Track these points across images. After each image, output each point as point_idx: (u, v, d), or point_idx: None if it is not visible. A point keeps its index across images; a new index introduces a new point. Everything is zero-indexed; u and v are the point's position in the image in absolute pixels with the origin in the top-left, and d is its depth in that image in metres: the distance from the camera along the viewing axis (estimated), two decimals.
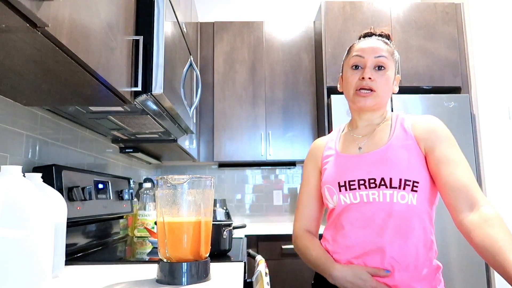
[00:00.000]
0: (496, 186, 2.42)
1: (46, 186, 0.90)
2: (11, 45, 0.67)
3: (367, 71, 1.01)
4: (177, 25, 1.41)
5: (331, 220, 1.05)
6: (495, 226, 0.81)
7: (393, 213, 0.94)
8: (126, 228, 1.86)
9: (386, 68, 1.03)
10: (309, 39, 3.00)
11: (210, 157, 2.90)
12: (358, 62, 1.04)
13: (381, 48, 1.03)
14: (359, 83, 1.02)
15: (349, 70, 1.06)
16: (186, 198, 0.84)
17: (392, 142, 1.00)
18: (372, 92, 1.01)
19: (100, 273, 0.97)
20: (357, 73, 1.03)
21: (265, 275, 1.17)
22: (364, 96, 1.01)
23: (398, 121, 1.05)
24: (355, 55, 1.05)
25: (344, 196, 1.00)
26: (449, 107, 2.51)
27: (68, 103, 1.12)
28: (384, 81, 1.02)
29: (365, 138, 1.06)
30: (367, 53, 1.03)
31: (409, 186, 0.93)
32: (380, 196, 0.95)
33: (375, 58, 1.02)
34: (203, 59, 2.97)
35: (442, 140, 0.96)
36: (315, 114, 2.93)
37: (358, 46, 1.06)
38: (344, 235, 0.98)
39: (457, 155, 0.94)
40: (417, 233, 0.94)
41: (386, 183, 0.95)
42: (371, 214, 0.95)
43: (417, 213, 0.94)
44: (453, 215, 0.90)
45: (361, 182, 0.98)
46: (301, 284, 2.43)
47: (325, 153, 1.12)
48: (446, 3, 2.74)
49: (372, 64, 1.02)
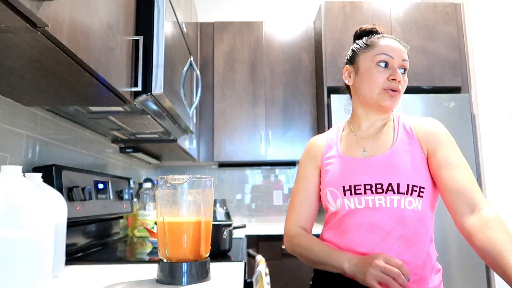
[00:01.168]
0: (496, 186, 2.42)
1: (46, 186, 0.90)
2: (11, 45, 0.67)
3: (398, 73, 1.00)
4: (177, 25, 1.41)
5: (333, 223, 1.02)
6: (495, 229, 0.81)
7: (401, 219, 0.93)
8: (126, 228, 1.86)
9: (406, 72, 1.04)
10: (309, 39, 3.00)
11: (210, 157, 2.89)
12: (386, 60, 1.01)
13: (405, 51, 1.03)
14: (389, 83, 1.00)
15: (375, 66, 1.02)
16: (186, 198, 0.84)
17: (397, 146, 0.99)
18: (398, 93, 1.01)
19: (100, 273, 0.97)
20: (385, 72, 1.01)
21: (265, 275, 1.17)
22: (392, 95, 1.00)
23: (400, 123, 1.04)
24: (384, 53, 1.01)
25: (348, 201, 0.97)
26: (449, 107, 2.51)
27: (68, 103, 1.12)
28: (405, 84, 1.03)
29: (369, 141, 1.04)
30: (396, 54, 1.01)
31: (416, 192, 0.93)
32: (387, 202, 0.94)
33: (402, 61, 1.02)
34: (203, 59, 2.97)
35: (443, 143, 0.96)
36: (315, 114, 2.93)
37: (385, 43, 1.03)
38: (349, 239, 0.96)
39: (458, 157, 0.94)
40: (423, 238, 0.93)
41: (393, 189, 0.93)
42: (377, 220, 0.94)
43: (423, 218, 0.94)
44: (454, 218, 0.90)
45: (368, 186, 0.96)
46: (301, 284, 2.43)
47: (326, 153, 1.09)
48: (446, 3, 2.73)
49: (399, 66, 1.02)
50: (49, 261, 0.69)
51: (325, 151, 1.09)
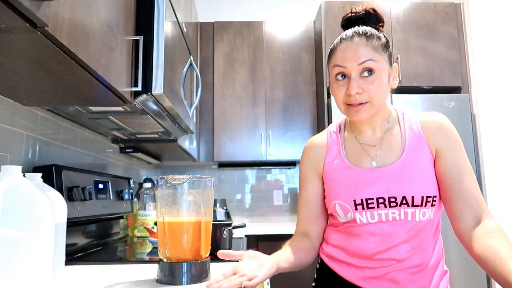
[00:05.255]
0: (496, 186, 2.42)
1: (46, 186, 0.90)
2: (11, 45, 0.67)
3: (352, 85, 0.87)
4: (177, 25, 1.41)
5: (342, 228, 0.97)
6: (497, 239, 0.80)
7: (415, 230, 0.89)
8: (126, 228, 1.86)
9: (375, 72, 0.88)
10: (309, 39, 3.00)
11: (210, 157, 2.89)
12: (341, 72, 0.90)
13: (363, 49, 0.88)
14: (347, 98, 0.90)
15: (334, 81, 0.92)
16: (186, 198, 0.84)
17: (407, 153, 0.92)
18: (364, 104, 0.89)
19: (100, 273, 0.97)
20: (343, 85, 0.90)
21: None
22: (356, 110, 0.89)
23: (406, 122, 0.97)
24: (337, 65, 0.91)
25: (360, 215, 0.91)
26: (449, 107, 2.51)
27: (68, 103, 1.12)
28: (375, 88, 0.88)
29: (376, 149, 0.96)
30: (348, 61, 0.88)
31: (429, 203, 0.89)
32: (401, 215, 0.89)
33: (358, 66, 0.88)
34: (203, 59, 2.97)
35: (453, 145, 0.92)
36: (315, 114, 2.93)
37: (339, 51, 0.91)
38: (359, 245, 0.92)
39: (466, 163, 0.91)
40: (433, 244, 0.92)
41: (408, 202, 0.88)
42: (389, 231, 0.90)
43: (435, 225, 0.92)
44: (456, 225, 0.89)
45: (380, 200, 0.90)
46: (301, 284, 2.43)
47: (327, 159, 1.00)
48: (446, 3, 2.73)
49: (357, 73, 0.88)
50: (49, 261, 0.69)
51: (327, 157, 1.01)
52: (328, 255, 0.99)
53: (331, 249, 0.99)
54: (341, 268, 0.96)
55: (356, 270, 0.93)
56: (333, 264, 0.98)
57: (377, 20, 0.96)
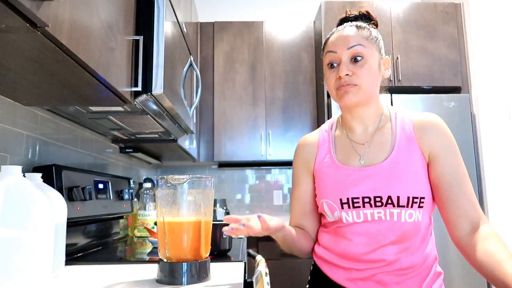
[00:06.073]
0: (496, 186, 2.42)
1: (46, 186, 0.90)
2: (11, 45, 0.67)
3: (342, 68, 0.91)
4: (177, 25, 1.41)
5: (330, 228, 0.98)
6: (493, 243, 0.81)
7: (401, 232, 0.89)
8: (126, 228, 1.86)
9: (365, 57, 0.91)
10: (309, 39, 3.00)
11: (210, 157, 2.90)
12: (333, 59, 0.94)
13: (352, 35, 0.92)
14: (338, 82, 0.93)
15: (327, 69, 0.96)
16: (186, 198, 0.84)
17: (395, 153, 0.92)
18: (353, 85, 0.91)
19: (100, 273, 0.97)
20: (334, 71, 0.94)
21: (265, 275, 1.17)
22: (345, 91, 0.91)
23: (398, 122, 0.96)
24: (328, 51, 0.95)
25: (346, 214, 0.92)
26: (449, 107, 2.51)
27: (68, 103, 1.12)
28: (365, 72, 0.91)
29: (366, 147, 0.96)
30: (338, 46, 0.93)
31: (416, 204, 0.88)
32: (386, 215, 0.89)
33: (348, 50, 0.91)
34: (203, 59, 2.97)
35: (447, 148, 0.91)
36: (315, 114, 2.93)
37: (331, 39, 0.96)
38: (346, 247, 0.93)
39: (462, 167, 0.90)
40: (423, 246, 0.91)
41: (393, 202, 0.88)
42: (375, 232, 0.90)
43: (422, 228, 0.91)
44: (452, 231, 0.89)
45: (366, 200, 0.90)
46: (301, 284, 2.43)
47: (318, 157, 1.01)
48: (446, 3, 2.74)
49: (347, 58, 0.92)
50: (49, 261, 0.69)
51: (317, 155, 1.02)
52: (320, 257, 1.00)
53: (322, 251, 0.99)
54: (330, 269, 0.96)
55: (343, 271, 0.93)
56: (324, 266, 0.98)
57: (370, 20, 1.01)
